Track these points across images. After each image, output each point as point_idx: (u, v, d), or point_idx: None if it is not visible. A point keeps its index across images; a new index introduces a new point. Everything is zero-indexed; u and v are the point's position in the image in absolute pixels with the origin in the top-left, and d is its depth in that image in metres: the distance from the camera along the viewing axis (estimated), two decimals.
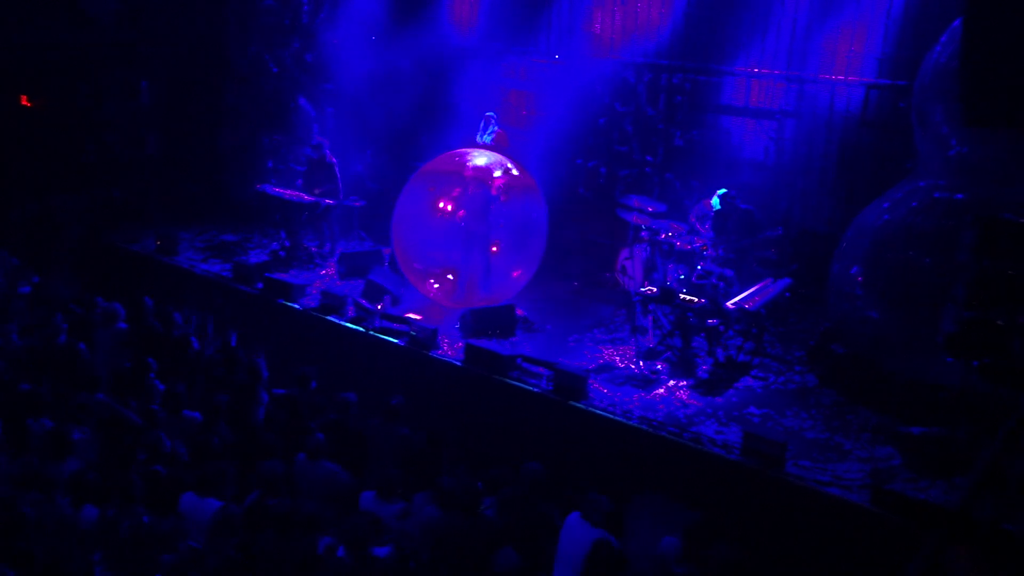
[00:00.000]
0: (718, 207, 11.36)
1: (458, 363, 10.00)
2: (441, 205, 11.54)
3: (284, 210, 13.40)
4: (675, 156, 13.71)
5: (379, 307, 11.17)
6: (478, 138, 13.73)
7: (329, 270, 13.15)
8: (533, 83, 15.23)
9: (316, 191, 13.30)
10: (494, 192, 11.27)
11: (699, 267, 10.56)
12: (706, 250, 10.92)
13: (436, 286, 11.51)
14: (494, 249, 11.45)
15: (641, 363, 10.18)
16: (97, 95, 15.85)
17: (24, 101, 15.52)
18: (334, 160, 13.52)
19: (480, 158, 11.50)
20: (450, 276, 11.43)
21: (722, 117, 13.38)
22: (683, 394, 9.48)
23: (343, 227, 14.05)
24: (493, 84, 15.29)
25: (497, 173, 11.33)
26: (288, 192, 13.51)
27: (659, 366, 10.12)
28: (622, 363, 10.26)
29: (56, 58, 15.25)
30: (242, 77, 16.17)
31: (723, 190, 11.41)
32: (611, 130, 14.31)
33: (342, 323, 11.06)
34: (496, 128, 13.70)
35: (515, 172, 11.48)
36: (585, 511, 6.90)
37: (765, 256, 11.55)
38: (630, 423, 8.74)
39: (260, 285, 12.13)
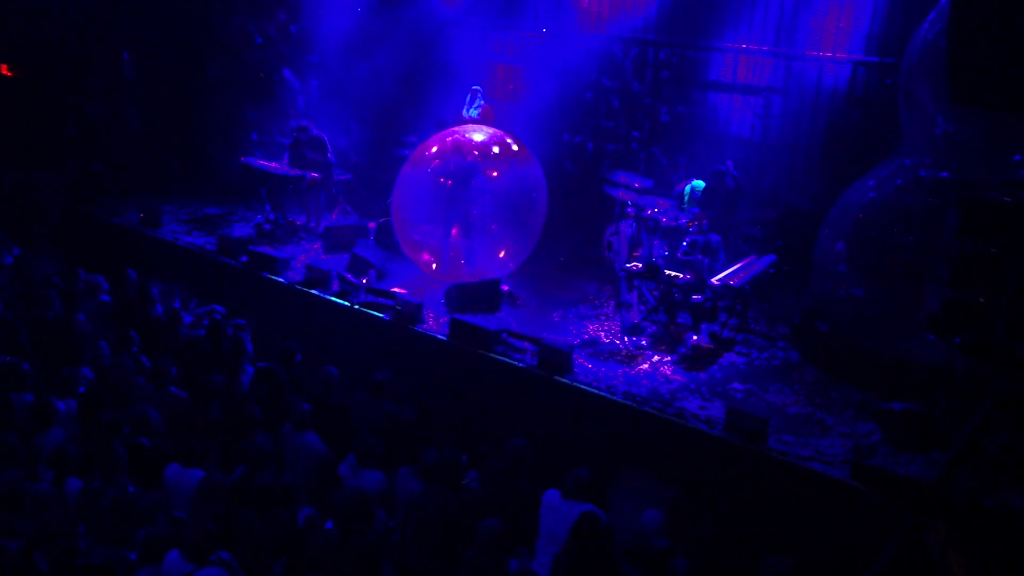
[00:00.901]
0: (699, 188, 11.41)
1: (443, 338, 10.01)
2: (441, 180, 11.47)
3: (269, 183, 13.33)
4: (662, 132, 13.69)
5: (364, 281, 11.14)
6: (464, 112, 13.66)
7: (314, 244, 13.10)
8: (520, 57, 15.15)
9: (307, 162, 13.20)
10: (471, 160, 11.08)
11: (684, 243, 10.57)
12: (691, 226, 10.93)
13: (432, 263, 11.44)
14: (493, 227, 11.38)
15: (626, 339, 10.21)
16: (79, 66, 15.68)
17: (4, 70, 15.33)
18: (324, 135, 13.42)
19: (478, 134, 11.40)
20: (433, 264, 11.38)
21: (709, 93, 13.35)
22: (667, 369, 9.52)
23: (328, 201, 13.99)
24: (480, 58, 15.19)
25: (495, 149, 11.23)
26: (273, 165, 13.43)
27: (643, 341, 10.15)
28: (607, 339, 10.29)
29: (37, 27, 15.06)
30: (226, 49, 16.01)
31: (720, 166, 11.44)
32: (598, 105, 14.26)
33: (327, 297, 11.04)
34: (483, 102, 13.64)
35: (515, 148, 11.39)
36: (566, 486, 6.94)
37: (750, 233, 11.57)
38: (614, 398, 8.78)
39: (244, 259, 12.09)
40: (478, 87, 13.76)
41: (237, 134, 15.79)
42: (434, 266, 11.40)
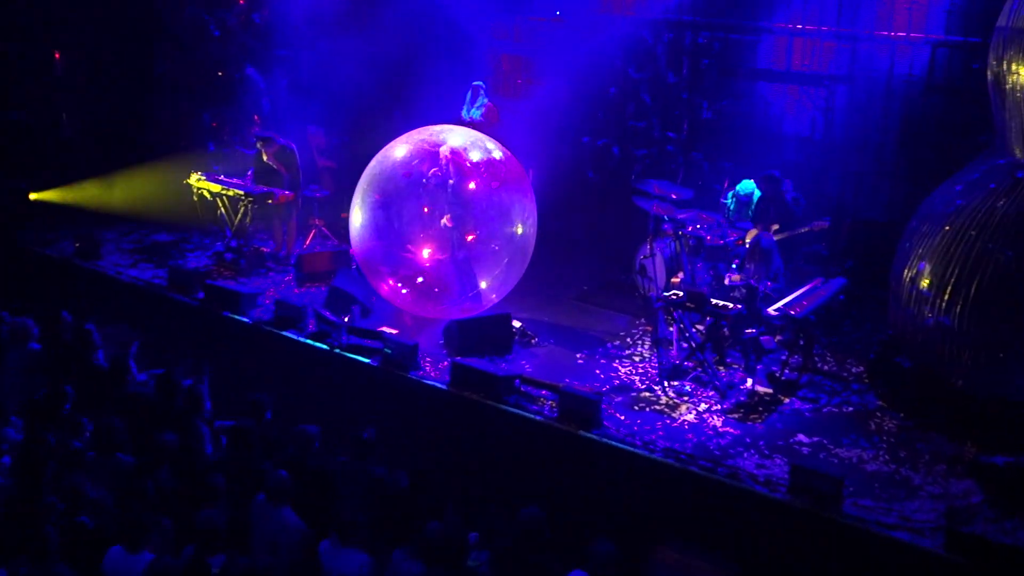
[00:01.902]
0: (750, 192, 11.40)
1: (443, 386, 9.98)
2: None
3: (229, 203, 13.38)
4: (702, 132, 13.72)
5: (346, 319, 11.13)
6: (464, 113, 13.72)
7: (285, 275, 13.13)
8: (530, 46, 15.24)
9: (276, 177, 13.26)
10: (439, 172, 11.05)
11: (733, 265, 10.55)
12: (741, 245, 10.92)
13: (403, 291, 11.41)
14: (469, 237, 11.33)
15: (666, 383, 10.16)
16: (1, 69, 15.87)
17: None
18: (293, 144, 13.49)
19: (455, 137, 11.40)
20: (420, 280, 11.37)
21: (759, 84, 13.40)
22: (716, 420, 9.46)
23: (301, 223, 14.03)
24: (482, 47, 15.30)
25: (476, 155, 11.20)
26: (234, 181, 13.49)
27: (687, 387, 10.11)
28: (642, 384, 10.24)
29: None
30: (177, 43, 16.17)
31: (766, 173, 11.45)
32: (625, 102, 14.31)
33: (301, 340, 11.03)
34: (486, 101, 13.70)
35: (498, 156, 11.40)
36: (592, 565, 6.88)
37: (813, 251, 11.55)
38: (652, 456, 8.71)
39: (201, 295, 12.10)
40: (480, 83, 13.83)
41: (191, 144, 15.90)
42: (404, 291, 11.34)
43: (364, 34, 15.38)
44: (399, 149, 11.37)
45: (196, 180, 13.57)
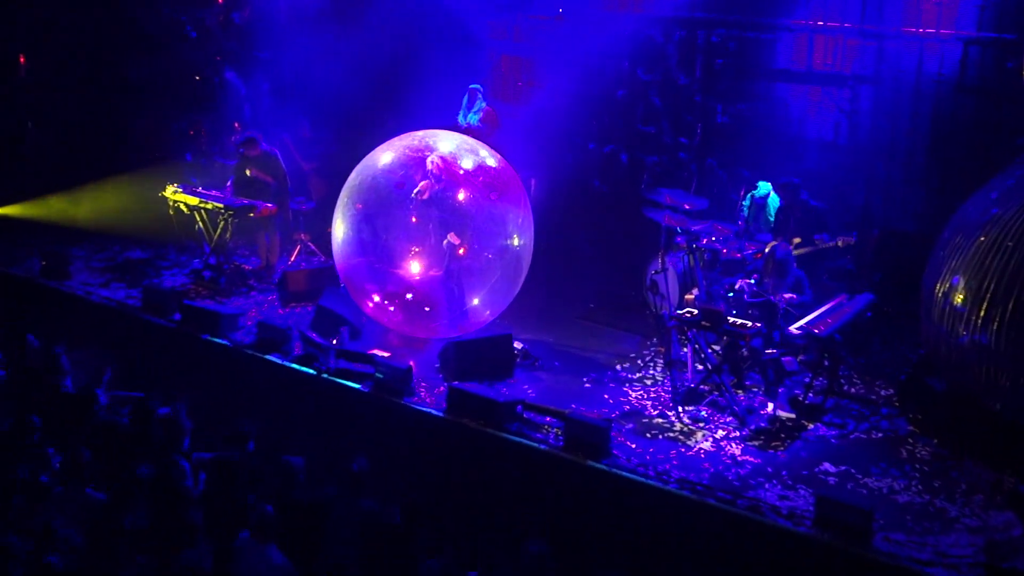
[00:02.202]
0: (765, 194, 11.41)
1: (439, 413, 9.96)
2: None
3: (208, 217, 13.39)
4: (717, 137, 13.74)
5: (335, 342, 11.12)
6: (461, 119, 13.74)
7: (269, 295, 13.13)
8: (531, 46, 15.29)
9: (258, 187, 13.26)
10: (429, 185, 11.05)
11: (752, 280, 10.54)
12: (760, 258, 10.92)
13: (391, 309, 11.41)
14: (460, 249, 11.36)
15: (680, 409, 10.15)
16: None
17: None
18: (276, 151, 13.51)
19: (444, 143, 11.40)
20: (410, 296, 11.37)
21: (777, 85, 13.42)
22: (736, 448, 9.45)
23: (286, 238, 14.03)
24: (479, 48, 15.34)
25: (468, 162, 11.21)
26: (213, 193, 13.50)
27: (703, 412, 10.09)
28: (655, 409, 10.22)
29: None
30: (152, 45, 16.20)
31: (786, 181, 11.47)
32: (633, 105, 14.35)
33: (286, 364, 11.02)
34: (484, 105, 13.73)
35: (492, 163, 11.39)
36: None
37: (839, 266, 11.54)
38: (666, 488, 8.69)
39: (177, 316, 12.09)
40: (478, 86, 13.87)
41: (167, 153, 15.92)
42: (391, 308, 11.35)
43: (352, 34, 15.45)
44: (383, 156, 11.38)
45: (172, 193, 13.58)
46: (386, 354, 10.85)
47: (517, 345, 11.23)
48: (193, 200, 13.36)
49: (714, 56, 13.70)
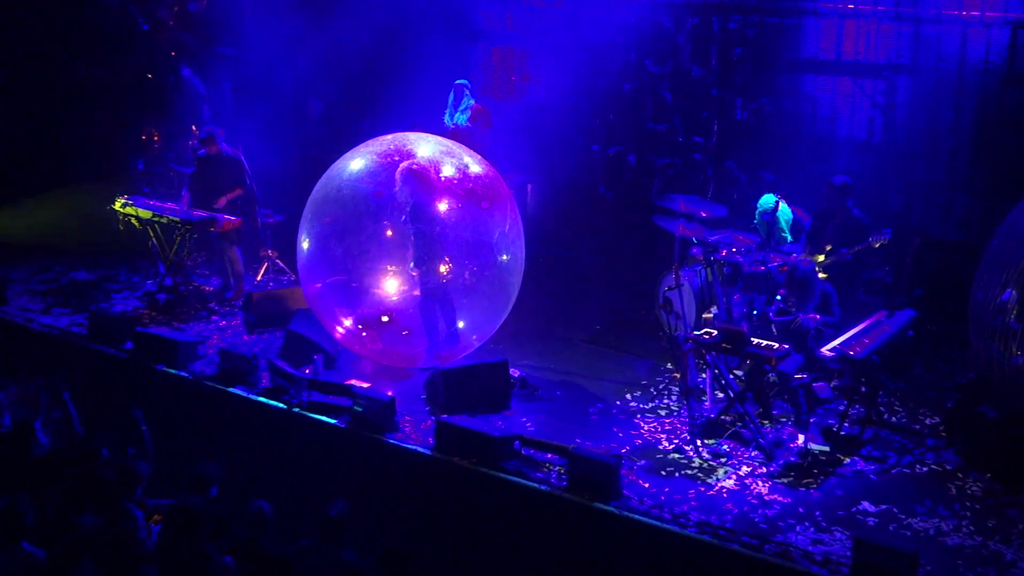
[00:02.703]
0: (770, 209, 11.42)
1: (426, 451, 9.94)
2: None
3: (163, 232, 13.38)
4: (736, 136, 13.78)
5: (308, 372, 11.11)
6: (447, 119, 13.76)
7: (233, 319, 13.13)
8: (525, 36, 15.34)
9: (218, 204, 13.26)
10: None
11: (778, 297, 10.55)
12: (785, 271, 10.91)
13: (364, 335, 11.41)
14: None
15: (699, 443, 10.13)
16: None
17: None
18: (239, 155, 13.49)
19: (421, 147, 11.41)
20: (385, 318, 11.37)
21: (803, 77, 13.48)
22: (762, 486, 9.43)
23: (252, 254, 14.02)
24: (468, 39, 15.38)
25: (451, 169, 11.22)
26: (168, 206, 13.50)
27: (725, 446, 10.08)
28: (670, 443, 10.21)
29: None
30: (98, 39, 16.23)
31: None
32: (642, 101, 14.39)
33: (253, 397, 11.00)
34: (472, 103, 13.75)
35: (476, 169, 11.40)
36: None
37: (875, 278, 11.54)
38: (685, 532, 8.67)
39: (130, 345, 12.08)
40: (465, 82, 13.89)
41: (116, 161, 15.92)
42: (364, 334, 11.36)
43: (324, 26, 15.48)
44: (353, 163, 11.39)
45: (122, 206, 13.58)
46: (366, 385, 10.83)
47: (514, 372, 11.22)
48: (146, 213, 13.36)
49: (731, 45, 13.77)
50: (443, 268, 11.07)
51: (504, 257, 11.36)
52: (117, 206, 13.56)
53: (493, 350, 11.56)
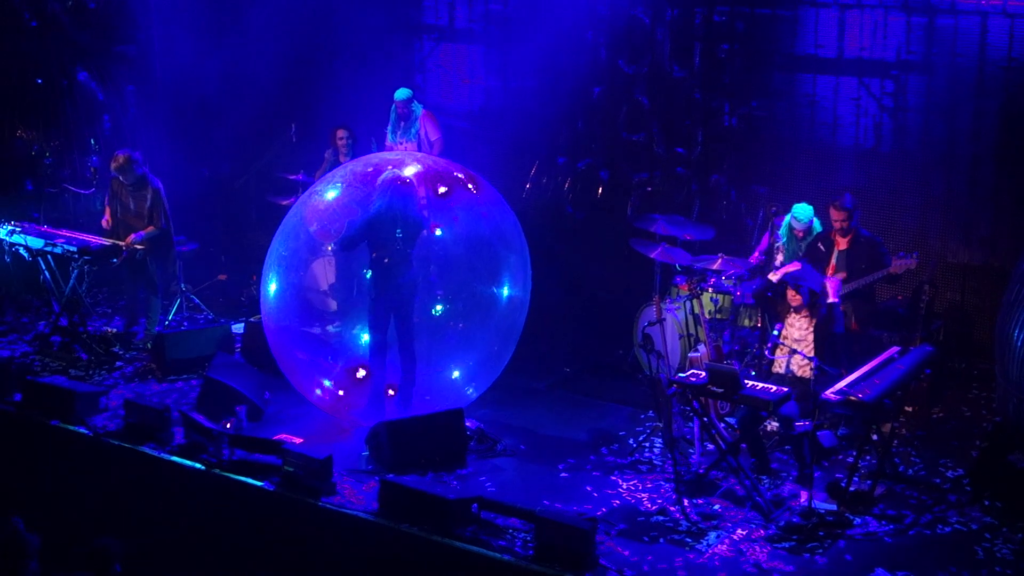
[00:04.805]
0: (809, 220, 11.48)
1: (369, 516, 9.93)
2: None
3: (57, 264, 13.32)
4: (724, 146, 13.85)
5: (228, 425, 11.08)
6: (391, 136, 13.77)
7: (139, 364, 13.08)
8: (478, 31, 15.36)
9: (130, 238, 13.19)
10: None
11: (775, 331, 10.62)
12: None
13: (340, 392, 11.44)
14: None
15: (686, 502, 10.17)
16: None
17: None
18: (158, 184, 13.38)
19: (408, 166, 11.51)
20: (362, 372, 11.40)
21: (800, 77, 13.56)
22: (759, 552, 9.47)
23: (162, 289, 13.97)
24: (411, 34, 15.41)
25: (444, 184, 11.32)
26: (63, 233, 13.44)
27: (716, 506, 10.12)
28: (653, 503, 10.24)
29: None
30: None
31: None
32: (615, 106, 14.45)
33: (164, 456, 10.96)
34: (422, 109, 13.75)
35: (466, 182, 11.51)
36: None
37: (887, 308, 11.61)
38: None
39: (18, 397, 12.01)
40: (407, 94, 13.77)
41: (0, 180, 15.85)
42: (341, 392, 11.39)
43: (244, 22, 15.49)
44: (331, 191, 11.44)
45: (8, 233, 13.52)
46: (298, 440, 10.82)
47: (470, 424, 11.24)
48: (36, 242, 13.31)
49: (718, 41, 13.85)
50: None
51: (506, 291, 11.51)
52: (2, 234, 13.50)
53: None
